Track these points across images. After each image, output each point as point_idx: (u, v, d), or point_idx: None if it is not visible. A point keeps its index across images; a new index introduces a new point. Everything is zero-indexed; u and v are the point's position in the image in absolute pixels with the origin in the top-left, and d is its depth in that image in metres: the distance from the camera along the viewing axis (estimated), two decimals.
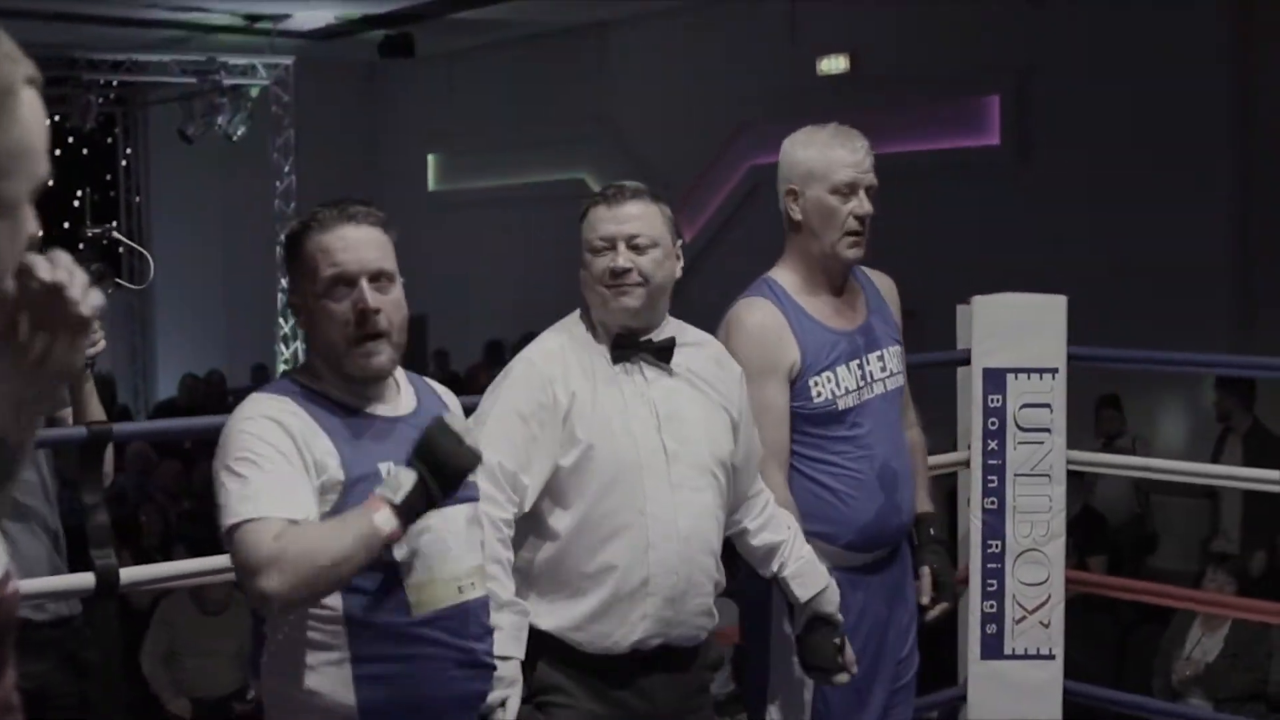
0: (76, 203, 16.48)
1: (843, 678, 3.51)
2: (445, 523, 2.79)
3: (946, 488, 5.47)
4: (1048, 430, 4.75)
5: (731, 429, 3.43)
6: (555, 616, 3.29)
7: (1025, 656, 4.78)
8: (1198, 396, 10.04)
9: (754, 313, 3.70)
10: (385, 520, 2.58)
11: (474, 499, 2.93)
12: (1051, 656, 4.78)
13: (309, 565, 2.55)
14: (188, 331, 17.01)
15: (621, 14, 14.08)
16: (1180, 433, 10.66)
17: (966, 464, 4.83)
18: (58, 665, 3.92)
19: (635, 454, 3.26)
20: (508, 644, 3.12)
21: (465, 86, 16.12)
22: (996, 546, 4.77)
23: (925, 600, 3.89)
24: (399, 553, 2.71)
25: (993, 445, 4.76)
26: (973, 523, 4.80)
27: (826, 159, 3.68)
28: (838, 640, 3.50)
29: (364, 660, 2.71)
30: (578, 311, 3.43)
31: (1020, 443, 4.74)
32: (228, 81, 15.07)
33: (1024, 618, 4.77)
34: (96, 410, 3.76)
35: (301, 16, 13.92)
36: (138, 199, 16.98)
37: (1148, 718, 5.62)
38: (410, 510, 2.61)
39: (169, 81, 15.51)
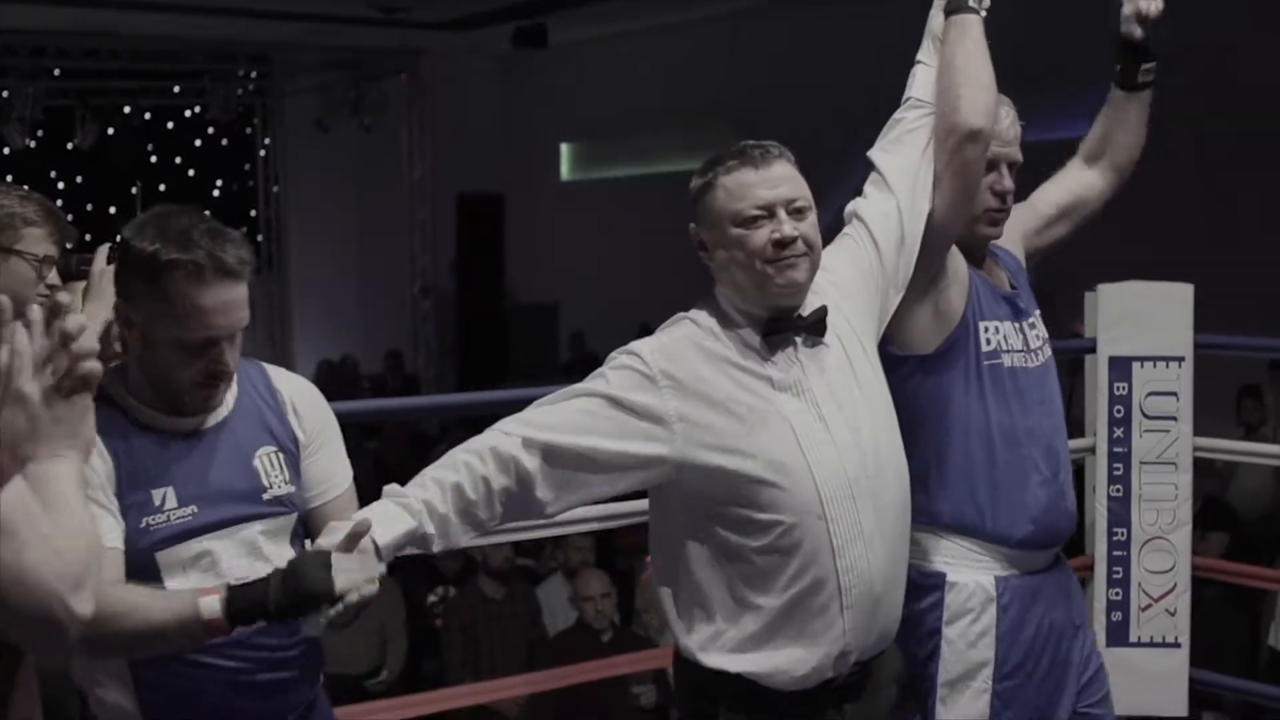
0: (216, 192, 16.82)
1: None
2: (223, 546, 2.59)
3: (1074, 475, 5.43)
4: (1174, 418, 4.74)
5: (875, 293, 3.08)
6: (736, 652, 2.78)
7: (1151, 644, 4.77)
8: None
9: None
10: (209, 605, 2.43)
11: (249, 519, 2.63)
12: (1177, 644, 4.77)
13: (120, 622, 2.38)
14: (325, 318, 17.26)
15: (753, 3, 14.07)
16: None
17: (1092, 450, 4.84)
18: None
19: (800, 455, 2.75)
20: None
21: (597, 76, 16.18)
22: (1122, 534, 4.78)
23: None
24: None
25: (1118, 433, 4.76)
26: (1098, 510, 4.80)
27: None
28: None
29: (142, 668, 2.59)
30: (694, 311, 2.93)
31: (1146, 431, 4.74)
32: (363, 72, 15.31)
33: (1149, 605, 4.77)
34: None
35: (436, 8, 14.08)
36: (275, 188, 17.25)
37: (1275, 705, 5.58)
38: (241, 603, 2.43)
39: (306, 73, 15.80)
